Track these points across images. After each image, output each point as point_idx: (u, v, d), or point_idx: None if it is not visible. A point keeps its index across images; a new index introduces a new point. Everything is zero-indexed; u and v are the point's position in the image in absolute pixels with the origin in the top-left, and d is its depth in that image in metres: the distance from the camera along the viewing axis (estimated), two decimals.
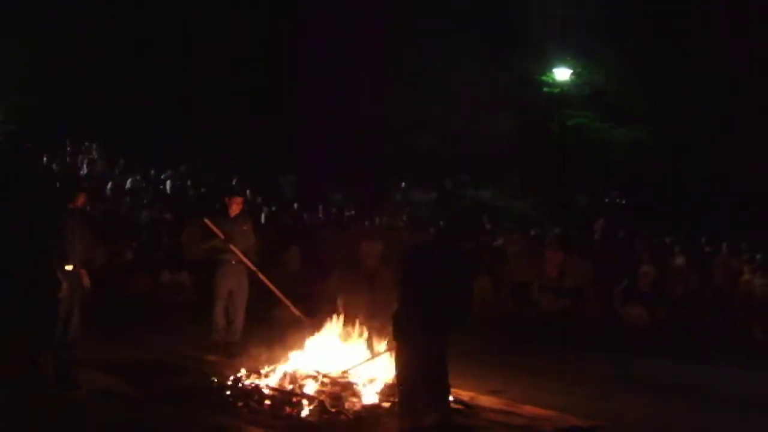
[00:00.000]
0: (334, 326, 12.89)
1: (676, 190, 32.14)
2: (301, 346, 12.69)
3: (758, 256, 22.20)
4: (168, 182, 28.08)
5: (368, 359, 12.08)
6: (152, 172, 28.97)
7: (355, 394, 11.28)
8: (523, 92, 34.06)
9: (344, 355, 12.45)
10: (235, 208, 15.09)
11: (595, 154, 34.41)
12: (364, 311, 13.11)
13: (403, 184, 33.17)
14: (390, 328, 10.38)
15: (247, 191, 26.92)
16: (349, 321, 12.95)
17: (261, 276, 14.82)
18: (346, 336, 12.81)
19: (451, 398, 10.50)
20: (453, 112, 32.72)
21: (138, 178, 27.65)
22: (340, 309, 13.18)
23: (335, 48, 33.41)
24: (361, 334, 12.72)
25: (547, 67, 32.97)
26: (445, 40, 32.14)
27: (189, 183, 28.46)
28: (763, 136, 31.37)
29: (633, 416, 12.05)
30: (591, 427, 11.11)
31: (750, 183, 30.80)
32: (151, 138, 30.95)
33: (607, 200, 32.14)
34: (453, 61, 32.70)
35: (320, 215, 25.35)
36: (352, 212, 26.46)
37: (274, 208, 25.20)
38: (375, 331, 12.48)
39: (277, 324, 14.60)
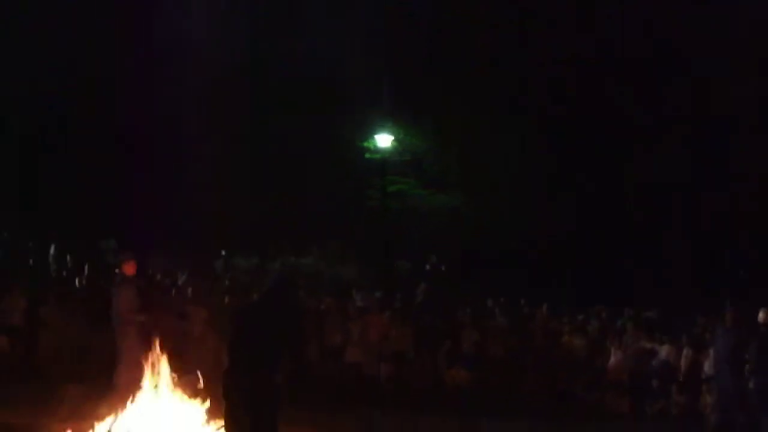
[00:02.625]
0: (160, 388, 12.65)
1: (492, 254, 32.75)
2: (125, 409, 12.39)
3: (579, 317, 22.77)
4: None
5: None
6: None
7: None
8: (345, 158, 34.31)
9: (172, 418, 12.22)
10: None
11: (416, 221, 34.85)
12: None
13: (223, 251, 32.87)
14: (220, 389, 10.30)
15: (67, 257, 26.37)
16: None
17: None
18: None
19: None
20: (275, 177, 32.76)
21: None
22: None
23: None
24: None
25: (369, 134, 33.23)
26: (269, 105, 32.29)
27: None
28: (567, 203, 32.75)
29: None
30: None
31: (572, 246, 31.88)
32: None
33: (428, 266, 32.50)
34: (275, 125, 32.85)
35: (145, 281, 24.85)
36: (178, 278, 26.08)
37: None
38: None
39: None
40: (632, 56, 34.30)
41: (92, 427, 11.88)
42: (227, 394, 10.05)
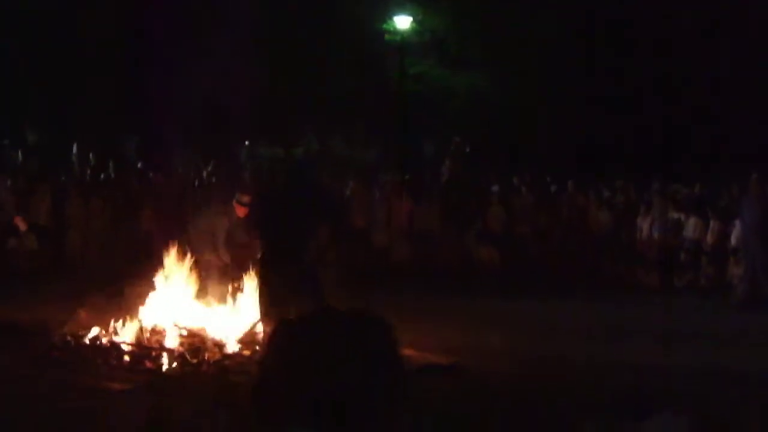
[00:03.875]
0: (188, 280, 12.74)
1: (518, 133, 32.56)
2: (155, 301, 12.49)
3: (606, 193, 22.64)
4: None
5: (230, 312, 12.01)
6: None
7: (216, 345, 11.17)
8: (365, 41, 33.96)
9: (201, 309, 12.34)
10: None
11: (437, 102, 34.62)
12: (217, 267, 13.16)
13: (247, 142, 32.80)
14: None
15: (90, 155, 26.38)
16: (204, 276, 12.87)
17: None
18: (203, 290, 12.70)
19: None
20: (290, 63, 32.50)
21: None
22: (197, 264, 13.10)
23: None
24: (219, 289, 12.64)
25: (388, 15, 32.87)
26: None
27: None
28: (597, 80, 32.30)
29: (488, 351, 12.21)
30: (450, 364, 11.25)
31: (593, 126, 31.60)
32: None
33: (452, 147, 32.32)
34: (293, 10, 32.50)
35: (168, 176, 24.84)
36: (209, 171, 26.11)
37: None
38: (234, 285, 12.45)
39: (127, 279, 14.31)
40: None
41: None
42: (266, 278, 10.16)
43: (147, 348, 11.17)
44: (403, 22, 31.74)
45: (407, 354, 11.21)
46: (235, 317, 11.83)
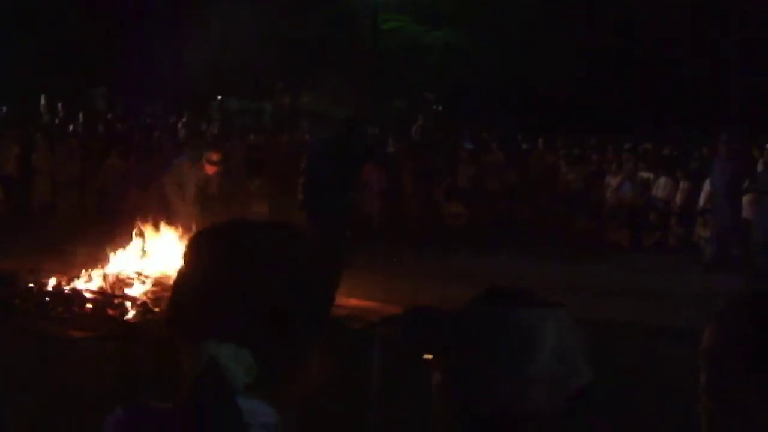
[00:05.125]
0: (151, 230, 12.69)
1: (488, 91, 32.45)
2: (119, 250, 12.44)
3: (575, 151, 22.61)
4: None
5: None
6: None
7: None
8: None
9: (164, 257, 12.27)
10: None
11: (411, 58, 34.50)
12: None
13: (219, 96, 32.64)
14: None
15: (59, 105, 26.16)
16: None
17: None
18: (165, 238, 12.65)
19: None
20: (262, 16, 32.25)
21: None
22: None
23: None
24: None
25: None
26: None
27: None
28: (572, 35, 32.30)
29: (453, 305, 12.19)
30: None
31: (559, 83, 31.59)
32: None
33: (423, 104, 32.22)
34: None
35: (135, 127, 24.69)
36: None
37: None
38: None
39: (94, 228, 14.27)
40: None
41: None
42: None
43: (110, 296, 11.11)
44: None
45: (372, 306, 11.33)
46: None
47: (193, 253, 2.17)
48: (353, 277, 13.33)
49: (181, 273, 2.16)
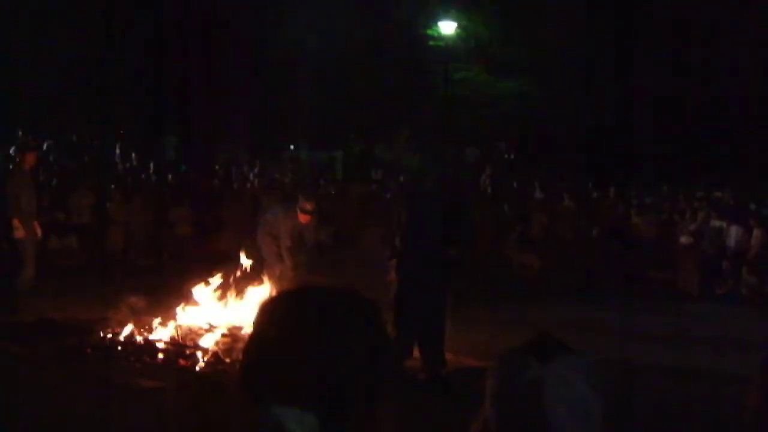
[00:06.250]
0: (224, 282, 12.77)
1: (560, 139, 32.40)
2: (190, 301, 12.52)
3: (647, 200, 22.50)
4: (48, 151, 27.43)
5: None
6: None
7: None
8: (409, 47, 33.91)
9: (237, 309, 12.35)
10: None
11: (482, 108, 34.52)
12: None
13: (292, 146, 32.99)
14: None
15: (133, 155, 26.57)
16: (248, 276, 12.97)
17: None
18: (239, 290, 12.73)
19: None
20: (337, 66, 32.54)
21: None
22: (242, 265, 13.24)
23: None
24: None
25: (432, 20, 32.83)
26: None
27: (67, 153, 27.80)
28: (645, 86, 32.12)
29: None
30: (483, 367, 11.21)
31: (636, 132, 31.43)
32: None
33: (495, 153, 32.31)
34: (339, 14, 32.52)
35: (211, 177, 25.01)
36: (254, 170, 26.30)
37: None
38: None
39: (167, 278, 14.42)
40: None
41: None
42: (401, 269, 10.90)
43: (181, 346, 11.19)
44: (447, 27, 31.69)
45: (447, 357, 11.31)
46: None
47: (263, 319, 2.23)
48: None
49: (252, 337, 2.23)
